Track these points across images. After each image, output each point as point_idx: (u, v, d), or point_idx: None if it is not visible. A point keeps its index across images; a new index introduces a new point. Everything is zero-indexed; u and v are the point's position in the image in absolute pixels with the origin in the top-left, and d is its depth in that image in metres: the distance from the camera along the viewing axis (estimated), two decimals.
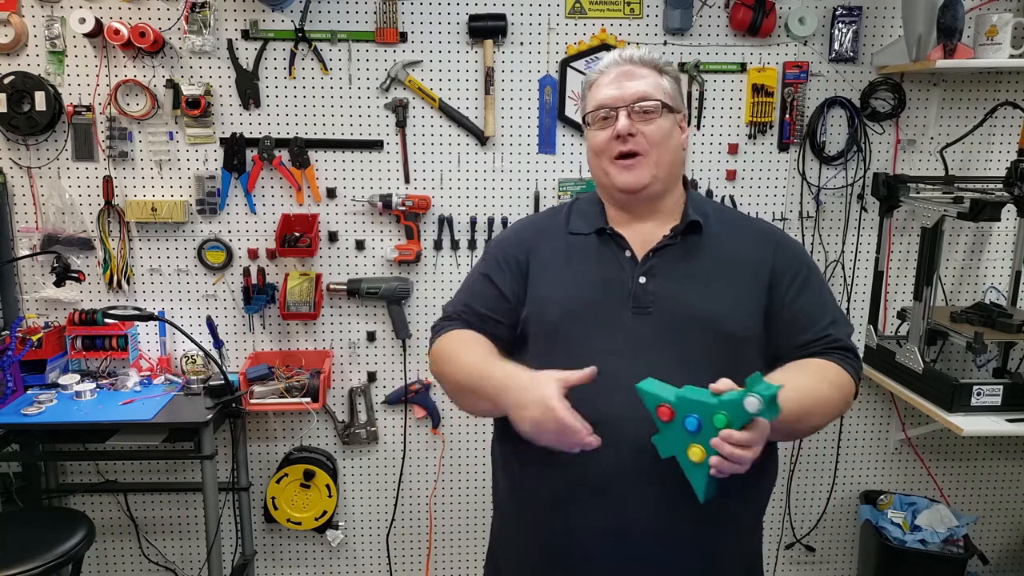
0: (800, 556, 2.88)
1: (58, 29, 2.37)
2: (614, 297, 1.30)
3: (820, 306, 1.38)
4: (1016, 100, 2.55)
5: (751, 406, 1.08)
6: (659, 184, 1.36)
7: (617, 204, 1.40)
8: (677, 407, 1.14)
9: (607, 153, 1.35)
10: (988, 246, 2.71)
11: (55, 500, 2.62)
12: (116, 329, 2.45)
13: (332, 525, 2.67)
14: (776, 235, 1.44)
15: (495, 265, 1.43)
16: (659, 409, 1.15)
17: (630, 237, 1.37)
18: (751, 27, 2.46)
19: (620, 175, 1.35)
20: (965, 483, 2.87)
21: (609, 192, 1.40)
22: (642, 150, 1.33)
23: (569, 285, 1.34)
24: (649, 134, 1.33)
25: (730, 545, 1.35)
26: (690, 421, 1.13)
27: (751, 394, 1.08)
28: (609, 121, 1.34)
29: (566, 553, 1.32)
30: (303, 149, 2.48)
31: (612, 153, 1.34)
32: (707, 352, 1.27)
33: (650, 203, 1.38)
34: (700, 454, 1.12)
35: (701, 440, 1.12)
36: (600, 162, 1.37)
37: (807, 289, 1.37)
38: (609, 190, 1.39)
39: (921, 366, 2.35)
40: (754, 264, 1.35)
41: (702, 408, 1.12)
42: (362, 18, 2.45)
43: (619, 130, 1.32)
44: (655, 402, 1.16)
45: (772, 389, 1.08)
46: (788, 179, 2.62)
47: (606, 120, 1.35)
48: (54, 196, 2.45)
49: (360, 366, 2.65)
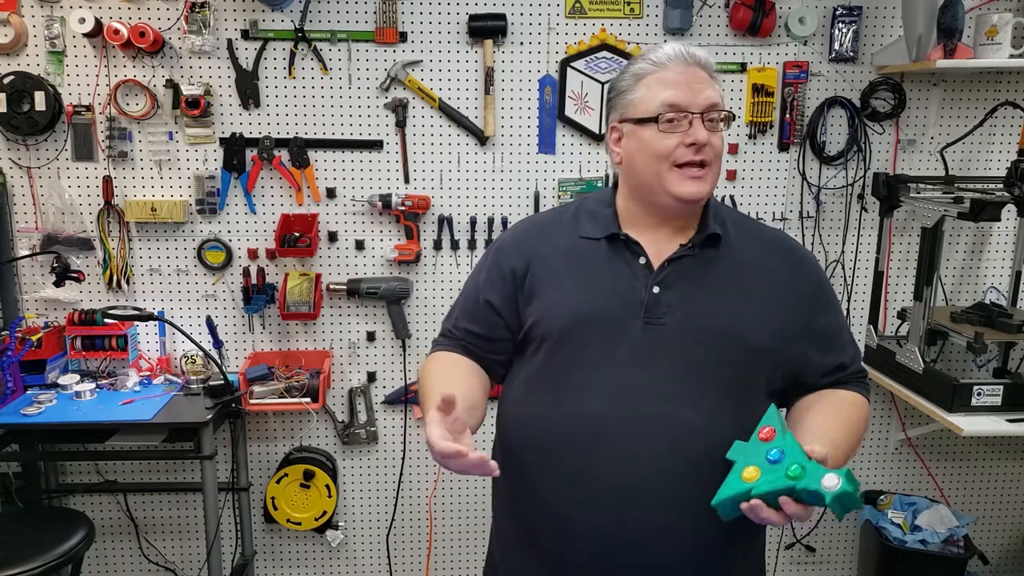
0: (800, 556, 2.88)
1: (58, 29, 2.37)
2: (625, 306, 1.27)
3: (838, 327, 1.38)
4: (1016, 100, 2.55)
5: (830, 486, 1.07)
6: (709, 195, 1.33)
7: (656, 209, 1.32)
8: (779, 443, 1.14)
9: (672, 159, 1.26)
10: (988, 246, 2.71)
11: (55, 500, 2.62)
12: (116, 329, 2.45)
13: (332, 525, 2.67)
14: (792, 246, 1.41)
15: (490, 279, 1.40)
16: (762, 430, 1.17)
17: (645, 244, 1.31)
18: (751, 27, 2.46)
19: (684, 184, 1.26)
20: (965, 483, 2.86)
21: (658, 198, 1.30)
22: (709, 161, 1.27)
23: (578, 291, 1.30)
24: (715, 145, 1.27)
25: (736, 555, 1.35)
26: (774, 453, 1.13)
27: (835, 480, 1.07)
28: (675, 124, 1.25)
29: (563, 560, 1.32)
30: (303, 149, 2.48)
31: (679, 160, 1.26)
32: (718, 365, 1.26)
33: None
34: (755, 474, 1.12)
35: (767, 470, 1.12)
36: (659, 166, 1.26)
37: (828, 307, 1.37)
38: (659, 196, 1.29)
39: (921, 366, 2.34)
40: (772, 276, 1.32)
41: (792, 455, 1.11)
42: (362, 18, 2.45)
43: (700, 139, 1.24)
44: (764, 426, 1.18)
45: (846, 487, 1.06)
46: (788, 179, 2.62)
47: (671, 123, 1.25)
48: (54, 196, 2.45)
49: (360, 366, 2.65)
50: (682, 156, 1.26)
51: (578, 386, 1.26)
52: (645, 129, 1.28)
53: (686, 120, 1.25)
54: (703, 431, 1.23)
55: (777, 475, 1.10)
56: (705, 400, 1.25)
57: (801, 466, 1.09)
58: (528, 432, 1.33)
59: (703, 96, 1.26)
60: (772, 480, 1.10)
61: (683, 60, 1.27)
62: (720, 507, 1.14)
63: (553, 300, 1.32)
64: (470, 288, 1.45)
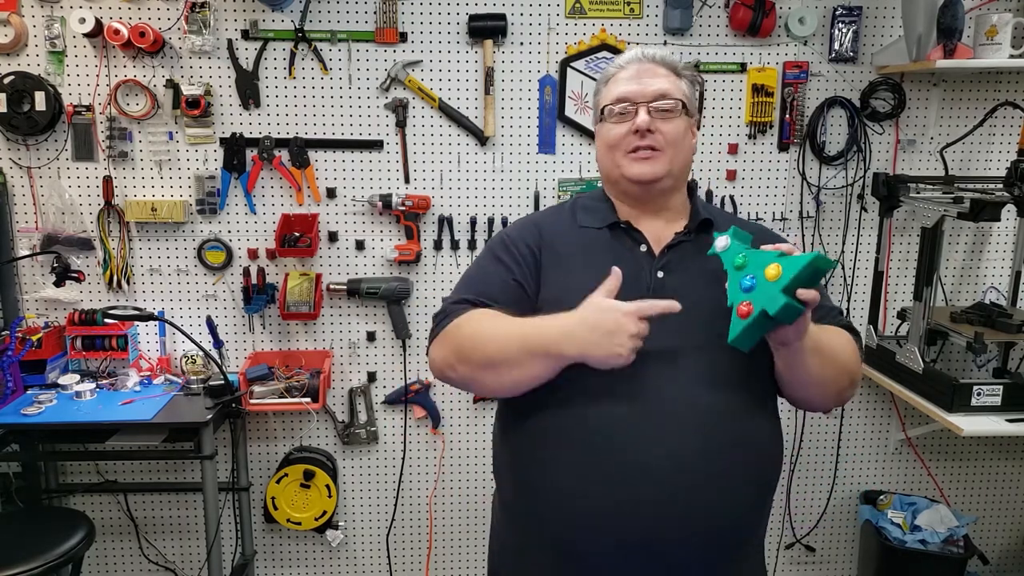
0: (800, 556, 2.88)
1: (58, 29, 2.37)
2: (632, 291, 1.27)
3: (824, 297, 1.42)
4: (1016, 100, 2.55)
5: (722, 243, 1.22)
6: (671, 180, 1.37)
7: (627, 198, 1.40)
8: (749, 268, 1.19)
9: (622, 147, 1.36)
10: (988, 246, 2.71)
11: (55, 500, 2.62)
12: (116, 329, 2.45)
13: (332, 525, 2.67)
14: (772, 232, 1.47)
15: (508, 255, 1.40)
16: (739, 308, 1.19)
17: (645, 232, 1.38)
18: (751, 27, 2.46)
19: (633, 165, 1.35)
20: (965, 483, 2.87)
21: (619, 185, 1.40)
22: (659, 146, 1.34)
23: (586, 278, 1.31)
24: (667, 132, 1.34)
25: (746, 553, 1.36)
26: (745, 281, 1.17)
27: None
28: (627, 116, 1.35)
29: (577, 548, 1.30)
30: (303, 149, 2.48)
31: (628, 147, 1.35)
32: (724, 343, 1.27)
33: (661, 198, 1.39)
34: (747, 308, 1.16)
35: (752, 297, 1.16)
36: (613, 155, 1.37)
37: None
38: (620, 182, 1.39)
39: (921, 366, 2.35)
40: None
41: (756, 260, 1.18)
42: (362, 18, 2.45)
43: (639, 124, 1.33)
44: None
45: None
46: (788, 179, 2.62)
47: (623, 116, 1.35)
48: (54, 196, 2.45)
49: (360, 366, 2.65)
50: (629, 143, 1.35)
51: (592, 371, 1.26)
52: (604, 124, 1.40)
53: (634, 109, 1.35)
54: (720, 409, 1.26)
55: (759, 295, 1.14)
56: (718, 378, 1.28)
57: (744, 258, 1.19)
58: (541, 418, 1.32)
59: (652, 87, 1.35)
60: (754, 297, 1.15)
61: (639, 59, 1.39)
62: (737, 340, 1.18)
63: (564, 287, 1.33)
64: (486, 264, 1.42)
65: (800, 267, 1.10)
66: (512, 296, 1.36)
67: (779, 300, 1.10)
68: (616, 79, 1.39)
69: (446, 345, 1.35)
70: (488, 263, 1.42)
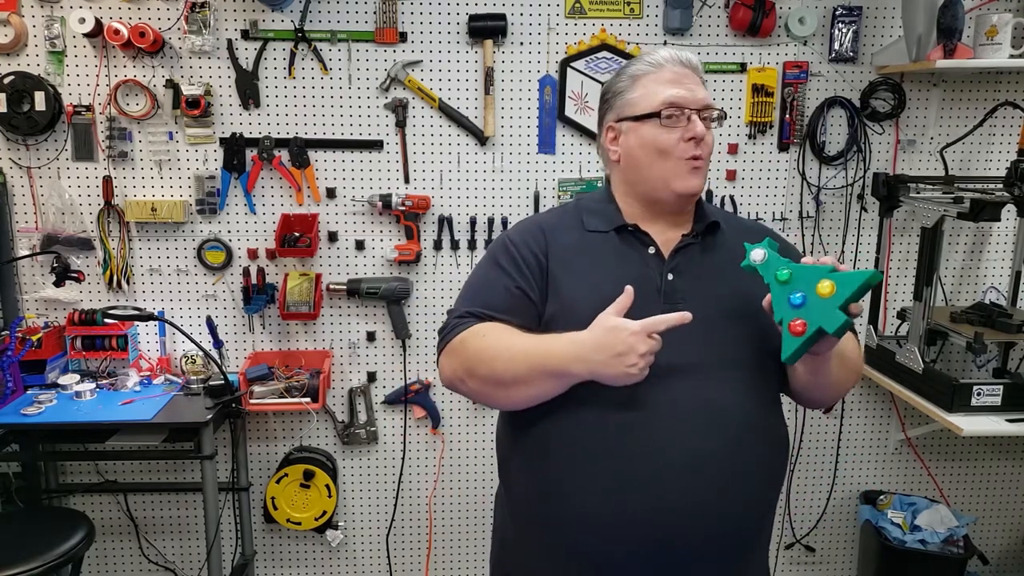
0: (800, 556, 2.88)
1: (58, 29, 2.37)
2: (644, 293, 1.27)
3: None
4: (1016, 100, 2.55)
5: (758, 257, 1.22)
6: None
7: (654, 205, 1.38)
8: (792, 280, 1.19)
9: (677, 154, 1.32)
10: (988, 246, 2.71)
11: (55, 500, 2.62)
12: (116, 329, 2.45)
13: (332, 525, 2.67)
14: (772, 231, 1.47)
15: (510, 262, 1.37)
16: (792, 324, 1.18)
17: (652, 234, 1.37)
18: (751, 27, 2.46)
19: (689, 178, 1.33)
20: (965, 483, 2.87)
21: (657, 193, 1.36)
22: (705, 156, 1.34)
23: (597, 282, 1.31)
24: (709, 143, 1.34)
25: (763, 531, 1.38)
26: (797, 297, 1.17)
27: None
28: (674, 120, 1.32)
29: (594, 551, 1.29)
30: (303, 149, 2.48)
31: (684, 154, 1.32)
32: (738, 342, 1.30)
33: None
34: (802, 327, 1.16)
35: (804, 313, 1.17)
36: (664, 162, 1.33)
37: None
38: (660, 192, 1.35)
39: (921, 366, 2.35)
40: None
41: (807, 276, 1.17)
42: (362, 18, 2.45)
43: (698, 133, 1.31)
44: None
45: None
46: (788, 179, 2.62)
47: (671, 119, 1.32)
48: (54, 196, 2.45)
49: (360, 366, 2.65)
50: (686, 150, 1.32)
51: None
52: (645, 126, 1.34)
53: (684, 116, 1.32)
54: (737, 409, 1.27)
55: (813, 312, 1.14)
56: (733, 377, 1.28)
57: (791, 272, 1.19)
58: (555, 421, 1.30)
59: (699, 95, 1.34)
60: (808, 315, 1.15)
61: (678, 62, 1.36)
62: (791, 358, 1.18)
63: (574, 292, 1.32)
64: (490, 273, 1.39)
65: (858, 285, 1.12)
66: (516, 305, 1.34)
67: (838, 318, 1.12)
68: (656, 80, 1.34)
69: (454, 359, 1.34)
70: (490, 270, 1.40)
